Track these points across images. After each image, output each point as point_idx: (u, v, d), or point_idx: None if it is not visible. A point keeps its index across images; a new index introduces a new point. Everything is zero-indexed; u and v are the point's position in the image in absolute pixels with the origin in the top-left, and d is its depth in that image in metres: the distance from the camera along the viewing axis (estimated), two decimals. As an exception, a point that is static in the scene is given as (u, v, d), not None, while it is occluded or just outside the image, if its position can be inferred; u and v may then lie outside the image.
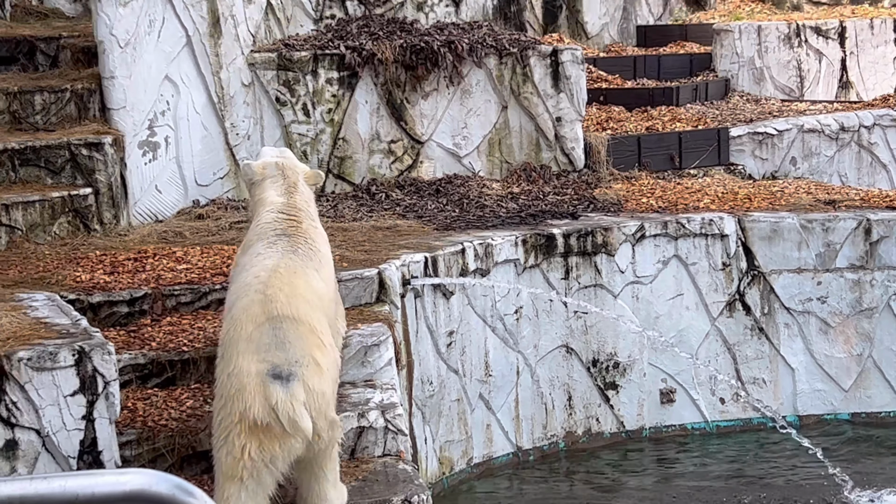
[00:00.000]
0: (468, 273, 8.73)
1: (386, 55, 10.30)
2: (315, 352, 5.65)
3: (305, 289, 5.88)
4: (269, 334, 5.61)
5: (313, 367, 5.60)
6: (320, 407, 5.57)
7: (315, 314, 5.79)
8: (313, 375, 5.58)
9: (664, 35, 15.58)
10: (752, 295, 9.85)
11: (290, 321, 5.67)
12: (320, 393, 5.58)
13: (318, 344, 5.69)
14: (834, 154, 12.37)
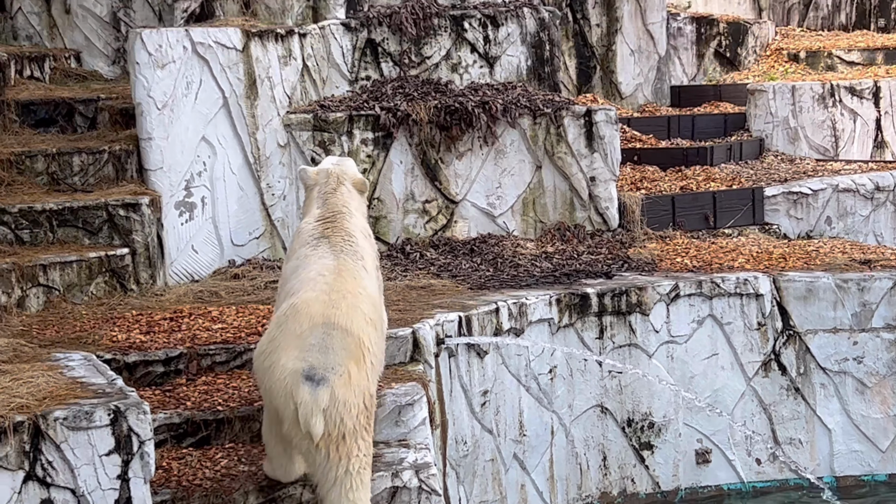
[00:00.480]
0: (502, 332, 8.72)
1: (420, 116, 10.36)
2: (353, 365, 6.03)
3: (366, 303, 6.31)
4: (319, 337, 6.03)
5: (345, 378, 5.98)
6: (341, 415, 5.95)
7: (368, 329, 6.21)
8: (343, 385, 5.97)
9: (698, 95, 15.61)
10: (787, 355, 9.80)
11: (342, 331, 6.08)
12: (343, 402, 5.96)
13: (359, 358, 6.07)
14: (869, 213, 12.33)
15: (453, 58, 11.21)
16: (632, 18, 15.10)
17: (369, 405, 6.13)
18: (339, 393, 5.97)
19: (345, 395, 5.99)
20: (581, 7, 14.84)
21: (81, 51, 11.75)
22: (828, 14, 18.35)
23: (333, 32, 10.85)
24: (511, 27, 11.35)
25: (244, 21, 10.43)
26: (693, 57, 16.63)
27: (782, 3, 18.29)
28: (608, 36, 14.96)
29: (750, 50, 16.88)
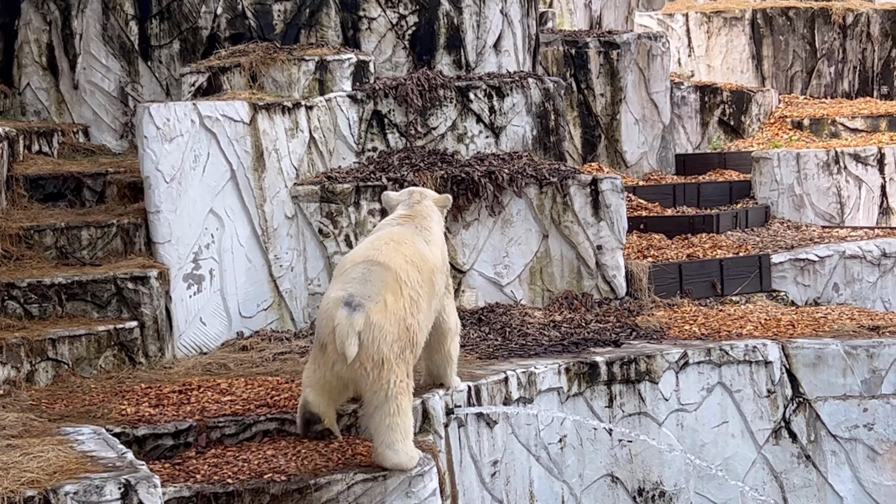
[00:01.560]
0: (511, 402, 8.71)
1: (427, 186, 10.41)
2: (389, 295, 6.77)
3: (410, 249, 7.15)
4: (360, 271, 6.88)
5: (381, 306, 6.72)
6: (375, 338, 6.65)
7: (409, 269, 6.99)
8: (378, 312, 6.70)
9: (703, 163, 15.70)
10: (797, 422, 9.77)
11: (381, 266, 6.90)
12: (378, 327, 6.67)
13: (396, 290, 6.82)
14: (876, 280, 12.35)
15: (459, 128, 11.29)
16: (636, 88, 15.22)
17: (404, 336, 6.78)
18: (374, 318, 6.67)
19: (380, 321, 6.68)
20: (585, 77, 14.97)
21: (89, 125, 11.85)
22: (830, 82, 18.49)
23: (340, 104, 10.94)
24: (516, 97, 11.43)
25: (251, 94, 10.52)
26: (697, 125, 16.74)
27: (785, 72, 18.43)
28: (612, 105, 15.07)
29: (754, 118, 16.99)
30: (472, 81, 11.44)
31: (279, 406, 7.68)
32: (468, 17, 11.90)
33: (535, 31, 12.81)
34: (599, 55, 15.03)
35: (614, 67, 15.06)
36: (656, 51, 15.48)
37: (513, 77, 11.62)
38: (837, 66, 18.45)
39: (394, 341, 6.75)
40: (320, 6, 11.52)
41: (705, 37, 18.60)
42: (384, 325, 6.71)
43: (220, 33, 11.57)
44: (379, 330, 6.69)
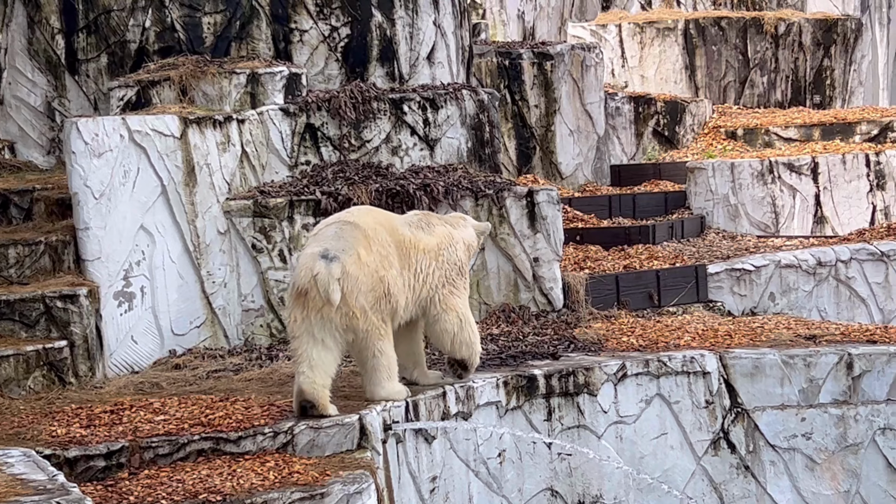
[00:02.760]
0: (450, 416, 8.70)
1: (362, 200, 10.39)
2: (361, 248, 7.67)
3: (382, 217, 8.06)
4: (333, 230, 7.77)
5: (355, 257, 7.64)
6: (352, 289, 7.60)
7: (378, 228, 7.86)
8: (353, 263, 7.62)
9: (638, 174, 15.81)
10: (736, 433, 9.84)
11: (353, 225, 7.80)
12: (354, 277, 7.61)
13: (367, 245, 7.71)
14: (812, 289, 12.48)
15: (393, 141, 11.28)
16: (570, 99, 15.31)
17: (378, 287, 7.74)
18: (349, 269, 7.60)
19: (355, 272, 7.62)
20: (519, 88, 15.03)
21: (15, 141, 11.71)
22: (763, 91, 18.69)
23: (272, 118, 10.90)
24: (450, 109, 11.45)
25: (181, 108, 10.46)
26: (632, 136, 16.86)
27: (718, 82, 18.61)
28: (547, 117, 15.15)
29: (688, 128, 17.13)
30: (406, 94, 11.45)
31: (214, 425, 7.62)
32: (401, 28, 11.90)
33: (469, 42, 12.83)
34: (533, 66, 15.10)
35: (548, 79, 15.13)
36: (590, 62, 15.57)
37: (447, 89, 11.63)
38: (770, 75, 18.65)
39: (368, 291, 7.70)
40: (251, 18, 11.48)
41: (638, 47, 18.75)
42: (359, 276, 7.65)
43: (148, 46, 11.49)
44: (355, 280, 7.63)
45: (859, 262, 12.72)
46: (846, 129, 16.32)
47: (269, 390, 8.59)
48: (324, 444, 7.56)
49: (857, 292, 12.69)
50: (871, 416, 9.82)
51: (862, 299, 12.72)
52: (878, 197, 14.98)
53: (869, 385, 9.83)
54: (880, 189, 14.96)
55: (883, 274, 12.79)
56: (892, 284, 12.82)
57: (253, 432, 7.53)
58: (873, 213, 14.96)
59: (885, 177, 14.94)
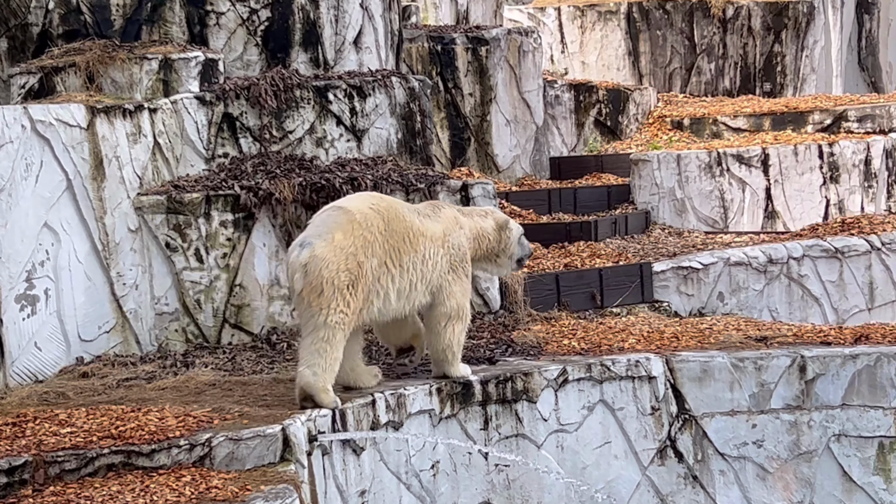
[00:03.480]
0: (380, 426, 8.69)
1: (284, 194, 10.36)
2: (339, 232, 7.99)
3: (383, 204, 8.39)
4: (322, 217, 8.19)
5: (328, 239, 7.96)
6: (316, 267, 7.91)
7: (371, 215, 8.17)
8: (324, 245, 7.94)
9: (579, 166, 15.87)
10: (683, 441, 9.91)
11: (341, 210, 8.17)
12: (321, 258, 7.92)
13: (348, 229, 8.01)
14: (763, 288, 12.60)
15: (318, 131, 11.26)
16: (506, 87, 15.35)
17: (354, 270, 8.01)
18: (319, 252, 7.93)
19: (325, 253, 7.92)
20: (452, 75, 15.04)
21: None
22: (711, 79, 18.85)
23: (187, 107, 10.83)
24: (379, 98, 11.44)
25: (88, 97, 10.37)
26: (572, 126, 16.93)
27: (663, 68, 18.74)
28: (482, 106, 15.18)
29: (631, 118, 17.24)
30: (332, 81, 11.42)
31: (125, 437, 7.57)
32: (325, 11, 11.88)
33: (398, 26, 12.83)
34: (467, 52, 15.12)
35: (483, 65, 15.16)
36: (527, 47, 15.62)
37: (375, 76, 11.62)
38: (718, 62, 18.81)
39: (338, 271, 7.97)
40: (163, 0, 11.40)
41: (579, 32, 18.84)
42: (326, 256, 7.94)
43: (52, 30, 11.38)
44: (321, 260, 7.93)
45: (812, 260, 12.85)
46: (798, 118, 16.49)
47: (185, 400, 8.54)
48: (244, 457, 7.53)
49: (809, 291, 12.82)
50: (825, 422, 9.93)
51: (815, 298, 12.86)
52: (831, 190, 15.15)
53: (823, 389, 9.93)
54: (834, 182, 15.13)
55: (837, 272, 12.94)
56: (847, 283, 12.97)
57: (167, 445, 7.48)
58: (827, 207, 15.13)
59: (839, 169, 15.12)
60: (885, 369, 9.93)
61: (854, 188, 15.23)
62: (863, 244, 13.10)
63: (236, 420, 7.93)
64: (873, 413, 9.92)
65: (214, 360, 9.78)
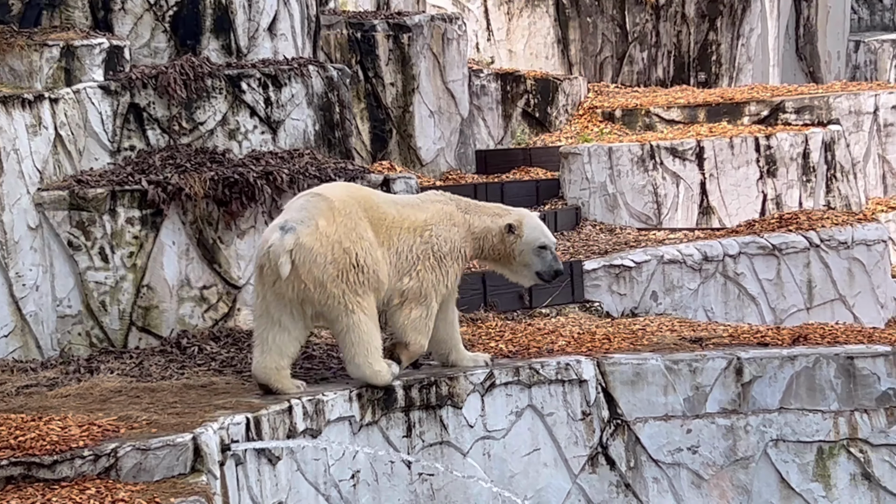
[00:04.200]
0: (297, 434, 8.67)
1: (195, 190, 10.32)
2: (322, 219, 8.33)
3: (361, 193, 8.77)
4: (300, 203, 8.54)
5: (312, 227, 8.30)
6: (304, 260, 8.27)
7: (349, 201, 8.53)
8: (309, 233, 8.29)
9: (506, 160, 15.92)
10: (616, 447, 9.96)
11: (319, 197, 8.52)
12: (308, 248, 8.28)
13: (330, 217, 8.35)
14: (698, 287, 12.69)
15: (230, 123, 11.22)
16: (429, 76, 15.36)
17: (341, 259, 8.36)
18: (303, 239, 8.27)
19: (310, 243, 8.28)
20: (373, 64, 15.03)
21: None
22: (643, 69, 18.98)
23: (90, 97, 10.76)
24: (295, 87, 11.42)
25: (-15, 85, 10.29)
26: (499, 118, 16.98)
27: (594, 57, 18.85)
28: (404, 96, 15.18)
29: (561, 109, 17.32)
30: (245, 69, 11.38)
31: (25, 448, 7.49)
32: (238, -5, 11.86)
33: (316, 12, 12.81)
34: (388, 39, 15.12)
35: (405, 53, 15.17)
36: (452, 34, 15.64)
37: (291, 64, 11.59)
38: (651, 50, 18.95)
39: (327, 263, 8.34)
40: (65, -17, 11.33)
41: (506, 19, 18.90)
42: (314, 247, 8.30)
43: (-54, 14, 11.27)
44: (308, 251, 8.29)
45: (749, 257, 12.97)
46: (734, 109, 16.65)
47: (90, 407, 8.47)
48: (152, 468, 7.48)
49: (746, 290, 12.94)
50: (762, 427, 10.02)
51: (752, 297, 12.98)
52: (768, 184, 15.31)
53: (760, 392, 10.03)
54: (771, 176, 15.29)
55: (774, 270, 13.07)
56: (785, 281, 13.10)
57: (70, 456, 7.42)
58: (763, 202, 15.29)
59: (776, 162, 15.28)
60: (824, 371, 10.04)
61: (792, 182, 15.40)
62: (801, 241, 13.25)
63: (144, 429, 7.87)
64: (812, 417, 10.04)
65: (121, 365, 9.71)
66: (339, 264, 8.43)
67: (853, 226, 13.74)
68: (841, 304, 13.52)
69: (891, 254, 14.75)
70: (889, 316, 14.19)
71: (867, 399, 10.09)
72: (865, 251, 13.68)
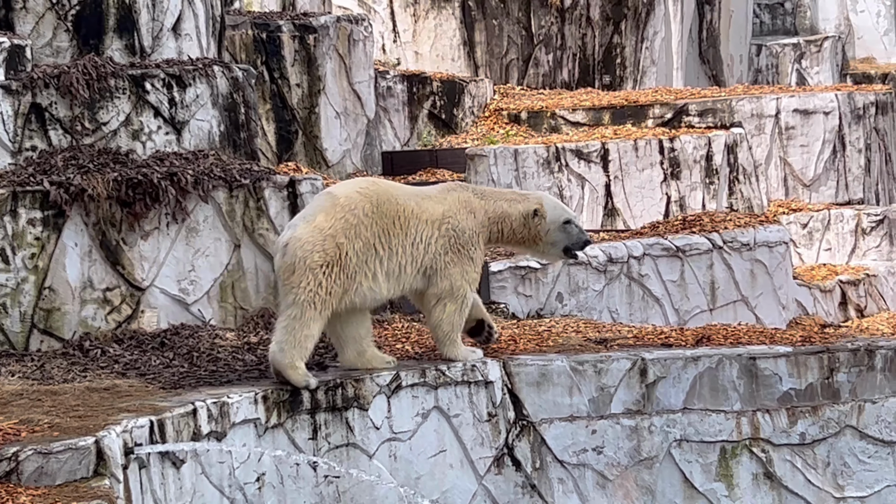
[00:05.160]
0: (201, 437, 8.62)
1: (98, 191, 10.23)
2: (322, 215, 8.79)
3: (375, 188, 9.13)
4: (311, 202, 9.27)
5: (310, 221, 8.79)
6: (292, 247, 8.74)
7: (358, 199, 8.92)
8: (304, 228, 8.78)
9: (413, 161, 15.93)
10: (521, 448, 10.00)
11: (329, 194, 9.05)
12: (298, 238, 8.75)
13: (331, 212, 8.80)
14: (603, 288, 12.77)
15: (134, 123, 11.13)
16: (336, 77, 15.33)
17: (331, 252, 8.75)
18: (300, 232, 8.75)
19: (302, 234, 8.73)
20: (279, 65, 14.97)
21: None
22: (549, 71, 19.07)
23: (-9, 96, 10.63)
24: (200, 88, 11.35)
25: None
26: (405, 119, 16.98)
27: (500, 60, 18.91)
28: (310, 97, 15.13)
29: (467, 111, 17.36)
30: (149, 69, 11.30)
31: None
32: (142, -6, 11.76)
33: (221, 12, 12.73)
34: (294, 40, 15.07)
35: (311, 54, 15.12)
36: (358, 35, 15.62)
37: (196, 65, 11.52)
38: (556, 53, 19.04)
39: (313, 251, 8.72)
40: (-36, -20, 11.18)
41: (412, 20, 18.91)
42: (303, 237, 8.73)
43: None
44: (297, 240, 8.73)
45: (653, 259, 13.08)
46: (638, 112, 16.77)
47: (-10, 411, 8.38)
48: (54, 472, 7.40)
49: (650, 291, 13.04)
50: (666, 427, 10.10)
51: (656, 299, 13.08)
52: (672, 187, 15.44)
53: (664, 393, 10.11)
54: (675, 178, 15.43)
55: (678, 271, 13.19)
56: (688, 282, 13.23)
57: (-30, 460, 7.33)
58: (667, 204, 15.42)
59: (680, 165, 15.42)
60: (726, 371, 10.15)
61: (695, 184, 15.55)
62: (704, 243, 13.38)
63: (46, 432, 7.79)
64: (715, 417, 10.14)
65: (22, 368, 9.61)
66: (326, 255, 8.79)
67: (755, 228, 13.90)
68: (743, 305, 13.67)
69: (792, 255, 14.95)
70: (790, 317, 14.38)
71: (769, 399, 10.22)
72: (767, 253, 13.85)
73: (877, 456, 10.30)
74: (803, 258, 16.73)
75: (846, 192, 17.73)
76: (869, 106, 17.99)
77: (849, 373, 10.31)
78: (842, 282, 15.99)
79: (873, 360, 10.35)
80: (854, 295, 16.04)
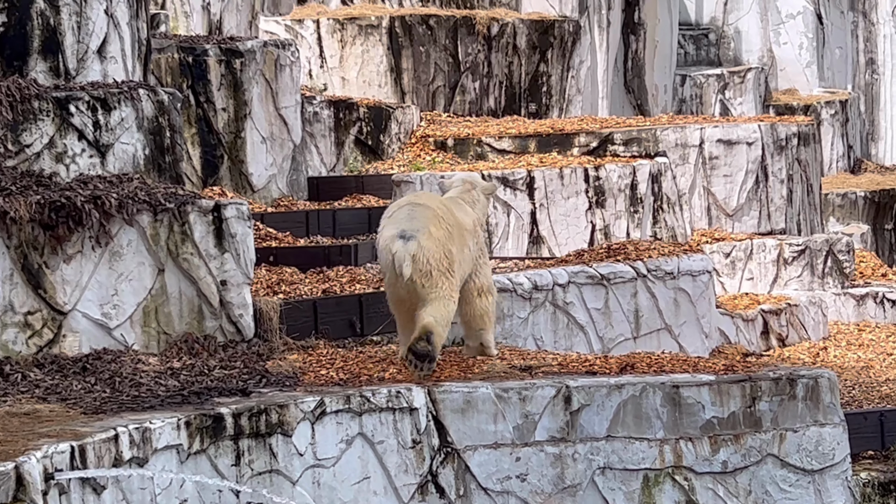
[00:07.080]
0: (123, 463, 8.55)
1: (20, 213, 10.14)
2: (432, 226, 9.74)
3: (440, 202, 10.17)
4: (405, 212, 9.87)
5: (427, 233, 9.71)
6: (424, 256, 9.67)
7: (443, 209, 9.98)
8: (425, 238, 9.70)
9: (339, 187, 15.94)
10: (445, 475, 10.00)
11: (422, 206, 9.95)
12: (426, 248, 9.66)
13: (437, 223, 9.80)
14: (528, 315, 12.81)
15: (58, 146, 11.05)
16: (262, 102, 15.32)
17: (448, 255, 9.78)
18: (423, 243, 9.64)
19: (427, 244, 9.66)
20: (205, 89, 14.93)
21: None
22: (475, 98, 19.15)
23: (-88, 117, 10.52)
24: (125, 111, 11.29)
25: None
26: (332, 145, 16.98)
27: (427, 86, 18.97)
28: (236, 122, 15.11)
29: (394, 137, 17.39)
30: (73, 92, 11.23)
31: None
32: (67, 17, 11.68)
33: (147, 35, 12.68)
34: (220, 64, 15.04)
35: (237, 79, 15.10)
36: (285, 60, 15.61)
37: (121, 87, 11.47)
38: (483, 80, 19.12)
39: (439, 259, 9.71)
40: None
41: (339, 46, 18.92)
42: (430, 246, 9.66)
43: None
44: (427, 250, 9.65)
45: (578, 287, 13.13)
46: (564, 140, 16.86)
47: None
48: (-28, 499, 7.32)
49: (575, 319, 13.10)
50: (590, 455, 10.14)
51: (580, 326, 13.14)
52: (597, 215, 15.53)
53: (588, 420, 10.15)
54: (600, 206, 15.52)
55: (603, 299, 13.25)
56: (613, 310, 13.30)
57: None
58: (592, 232, 15.51)
59: (605, 193, 15.51)
60: (650, 399, 10.21)
61: (620, 213, 15.65)
62: (628, 271, 13.46)
63: (-36, 458, 7.70)
64: (638, 445, 10.19)
65: (-59, 392, 9.50)
66: (446, 260, 9.80)
67: (679, 256, 14.01)
68: (667, 334, 13.77)
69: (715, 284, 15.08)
70: (713, 345, 14.50)
71: (692, 427, 10.28)
72: (691, 282, 13.96)
73: (797, 484, 10.40)
74: (726, 287, 16.88)
75: (768, 222, 17.93)
76: (791, 137, 18.22)
77: (770, 401, 10.40)
78: (764, 311, 16.15)
79: (795, 389, 10.45)
80: (776, 324, 16.20)
